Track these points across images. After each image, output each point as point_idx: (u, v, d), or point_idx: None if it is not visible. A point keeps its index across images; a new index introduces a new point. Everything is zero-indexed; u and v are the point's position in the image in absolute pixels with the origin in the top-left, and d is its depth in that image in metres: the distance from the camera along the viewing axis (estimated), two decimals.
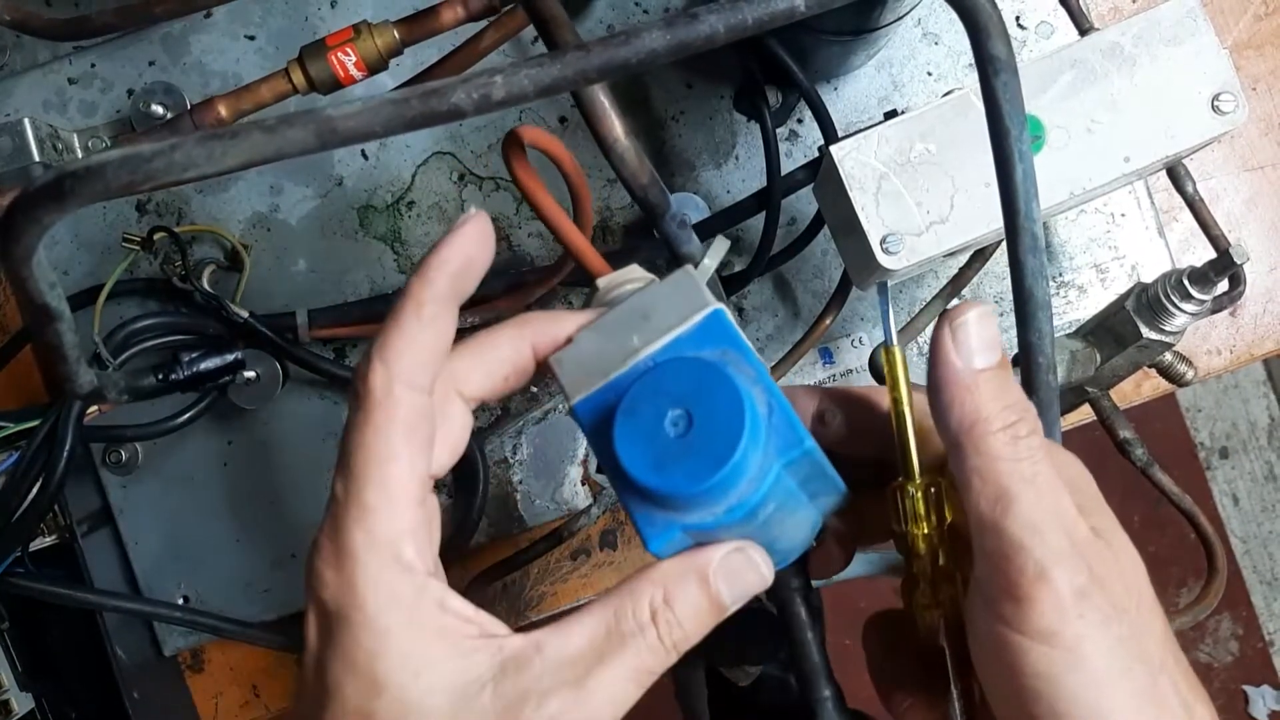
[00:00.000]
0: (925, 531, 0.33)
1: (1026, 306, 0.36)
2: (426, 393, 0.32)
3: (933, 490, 0.33)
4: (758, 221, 0.59)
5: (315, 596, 0.31)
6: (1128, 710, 0.28)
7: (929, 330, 0.61)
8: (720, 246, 0.41)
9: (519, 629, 0.31)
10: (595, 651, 0.30)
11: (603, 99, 0.38)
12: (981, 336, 0.32)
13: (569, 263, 0.56)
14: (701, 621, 0.32)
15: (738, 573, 0.32)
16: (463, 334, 0.34)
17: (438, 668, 0.30)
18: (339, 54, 0.51)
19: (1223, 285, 0.50)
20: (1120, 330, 0.51)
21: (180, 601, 0.63)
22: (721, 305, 0.33)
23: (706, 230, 0.59)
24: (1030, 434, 0.31)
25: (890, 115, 0.48)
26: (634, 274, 0.36)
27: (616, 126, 0.38)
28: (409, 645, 0.30)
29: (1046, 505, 0.30)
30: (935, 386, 0.32)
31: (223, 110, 0.53)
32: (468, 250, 0.32)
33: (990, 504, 0.30)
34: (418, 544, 0.31)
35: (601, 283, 0.36)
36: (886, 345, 0.35)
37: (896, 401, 0.34)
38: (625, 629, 0.31)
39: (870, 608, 0.38)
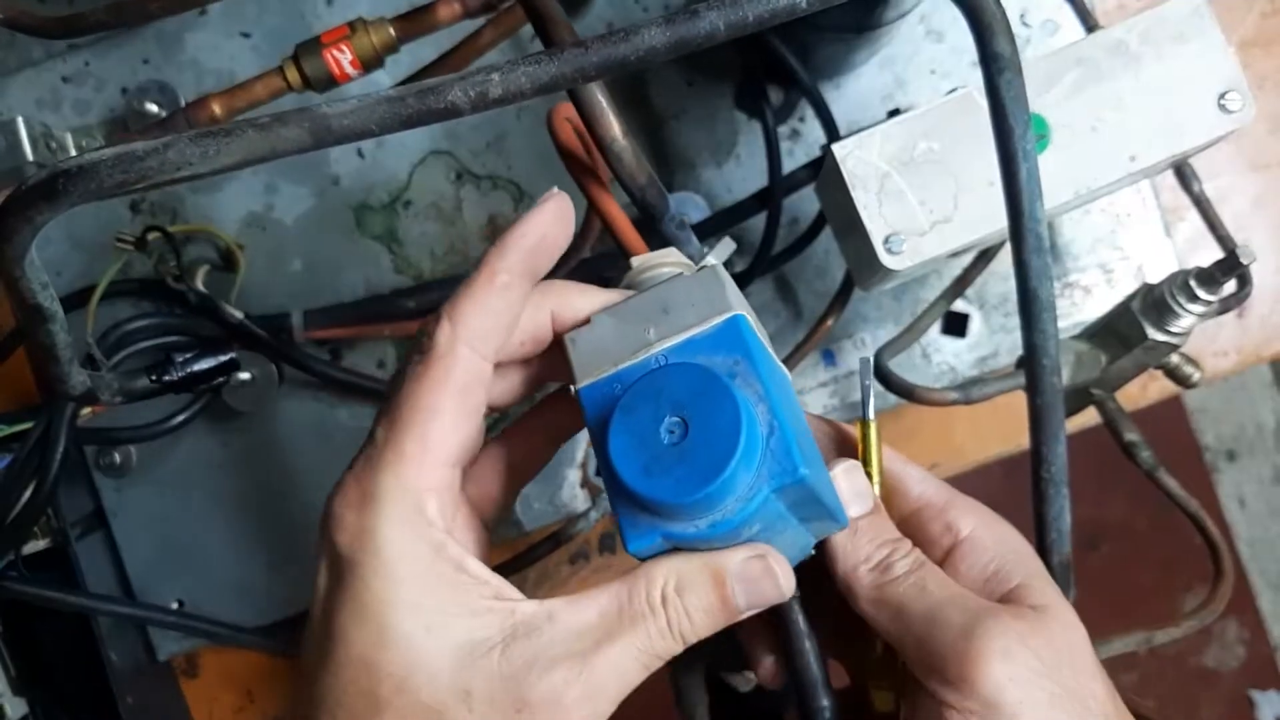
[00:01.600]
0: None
1: (1031, 307, 0.35)
2: (487, 360, 0.32)
3: None
4: (759, 221, 0.59)
5: (330, 540, 0.31)
6: None
7: (933, 330, 0.61)
8: (725, 248, 0.40)
9: None
10: (605, 627, 0.30)
11: (600, 99, 0.38)
12: (851, 489, 0.35)
13: (566, 263, 0.55)
14: (712, 619, 0.32)
15: (755, 580, 0.32)
16: None
17: (449, 624, 0.30)
18: (334, 51, 0.50)
19: (1229, 286, 0.50)
20: (1126, 331, 0.50)
21: (174, 606, 0.63)
22: (743, 312, 0.32)
23: (707, 230, 0.59)
24: (905, 555, 0.34)
25: (893, 114, 0.48)
26: (669, 258, 0.35)
27: (614, 126, 0.38)
28: (422, 597, 0.30)
29: (941, 595, 0.32)
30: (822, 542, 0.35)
31: (217, 108, 0.53)
32: (546, 227, 0.33)
33: (889, 622, 0.33)
34: (442, 503, 0.31)
35: (635, 262, 0.36)
36: (864, 419, 0.36)
37: (869, 476, 0.36)
38: (637, 609, 0.31)
39: None
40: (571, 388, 0.33)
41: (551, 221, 0.33)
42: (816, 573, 0.35)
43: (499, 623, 0.30)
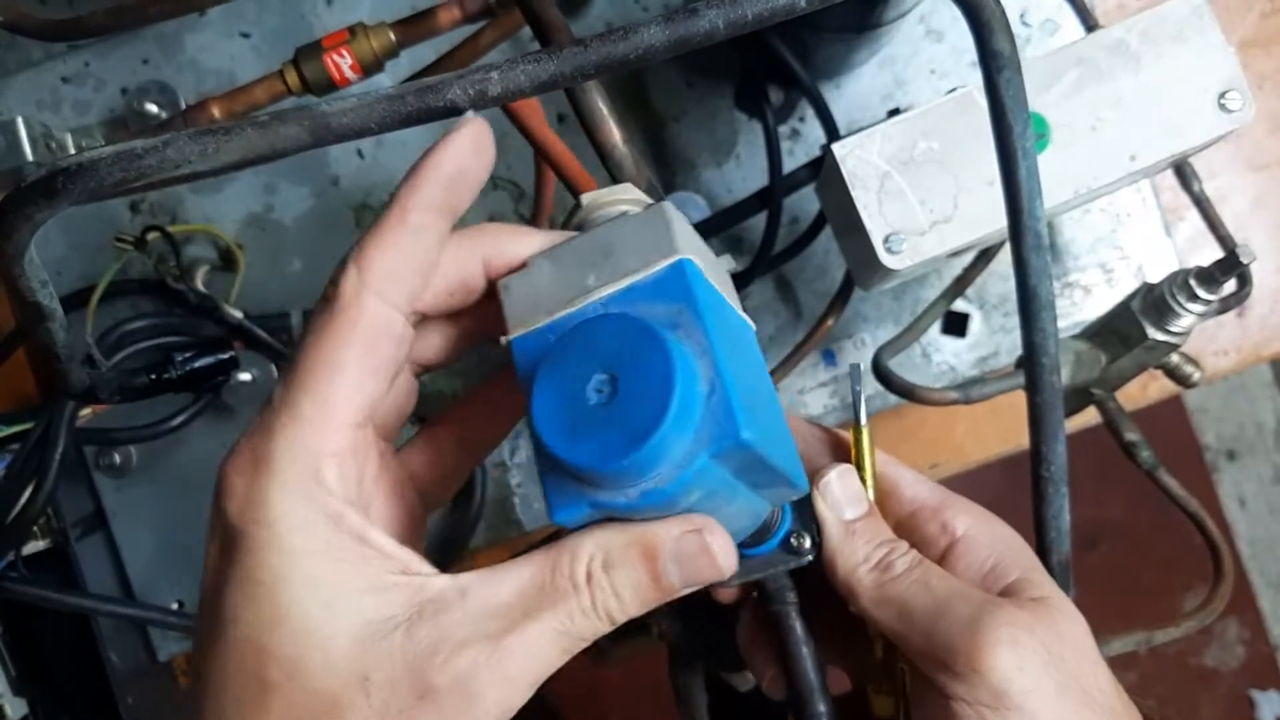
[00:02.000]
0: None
1: (1030, 306, 0.35)
2: (399, 310, 0.29)
3: None
4: (759, 221, 0.59)
5: (220, 509, 0.28)
6: None
7: (932, 331, 0.61)
8: (723, 263, 0.40)
9: None
10: (523, 605, 0.27)
11: (600, 105, 0.38)
12: (845, 492, 0.35)
13: None
14: (642, 598, 0.29)
15: (691, 558, 0.29)
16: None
17: (348, 601, 0.27)
18: (334, 55, 0.50)
19: (1229, 285, 0.50)
20: (1126, 331, 0.50)
21: (175, 606, 0.63)
22: (691, 255, 0.29)
23: (708, 230, 0.59)
24: (904, 554, 0.34)
25: (893, 113, 0.48)
26: (623, 194, 0.32)
27: (615, 133, 0.38)
28: (318, 571, 0.27)
29: (944, 590, 0.32)
30: (822, 543, 0.35)
31: (216, 111, 0.53)
32: (462, 157, 0.29)
33: (894, 619, 0.32)
34: (343, 470, 0.28)
35: (586, 199, 0.33)
36: (856, 424, 0.36)
37: (863, 480, 0.36)
38: (559, 586, 0.28)
39: None
40: (502, 339, 0.30)
41: (468, 150, 0.29)
42: (814, 579, 0.35)
43: (404, 599, 0.27)
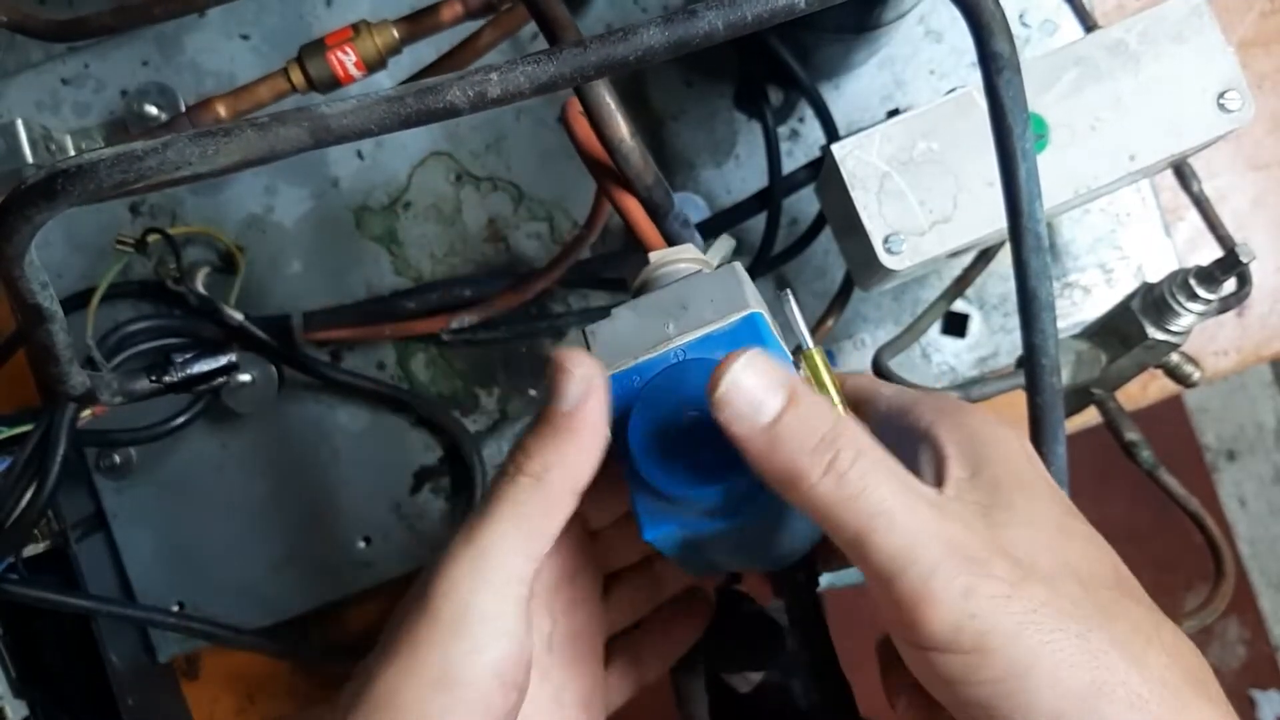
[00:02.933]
0: None
1: (1030, 307, 0.35)
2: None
3: None
4: (759, 222, 0.59)
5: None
6: (1053, 685, 0.26)
7: (933, 330, 0.61)
8: (724, 244, 0.40)
9: None
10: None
11: (609, 99, 0.38)
12: (752, 388, 0.28)
13: (566, 261, 0.55)
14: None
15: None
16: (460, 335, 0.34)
17: None
18: (338, 53, 0.50)
19: (1229, 285, 0.50)
20: (1126, 331, 0.50)
21: (175, 607, 0.63)
22: (760, 310, 0.33)
23: (708, 230, 0.59)
24: (854, 459, 0.28)
25: (893, 114, 0.48)
26: (686, 254, 0.36)
27: (622, 127, 0.38)
28: None
29: (902, 526, 0.27)
30: (747, 459, 0.29)
31: (221, 110, 0.53)
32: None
33: (851, 548, 0.28)
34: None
35: (654, 257, 0.36)
36: (803, 348, 0.34)
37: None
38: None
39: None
40: None
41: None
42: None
43: None
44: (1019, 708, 0.26)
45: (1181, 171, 0.58)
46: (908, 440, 0.33)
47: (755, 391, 0.28)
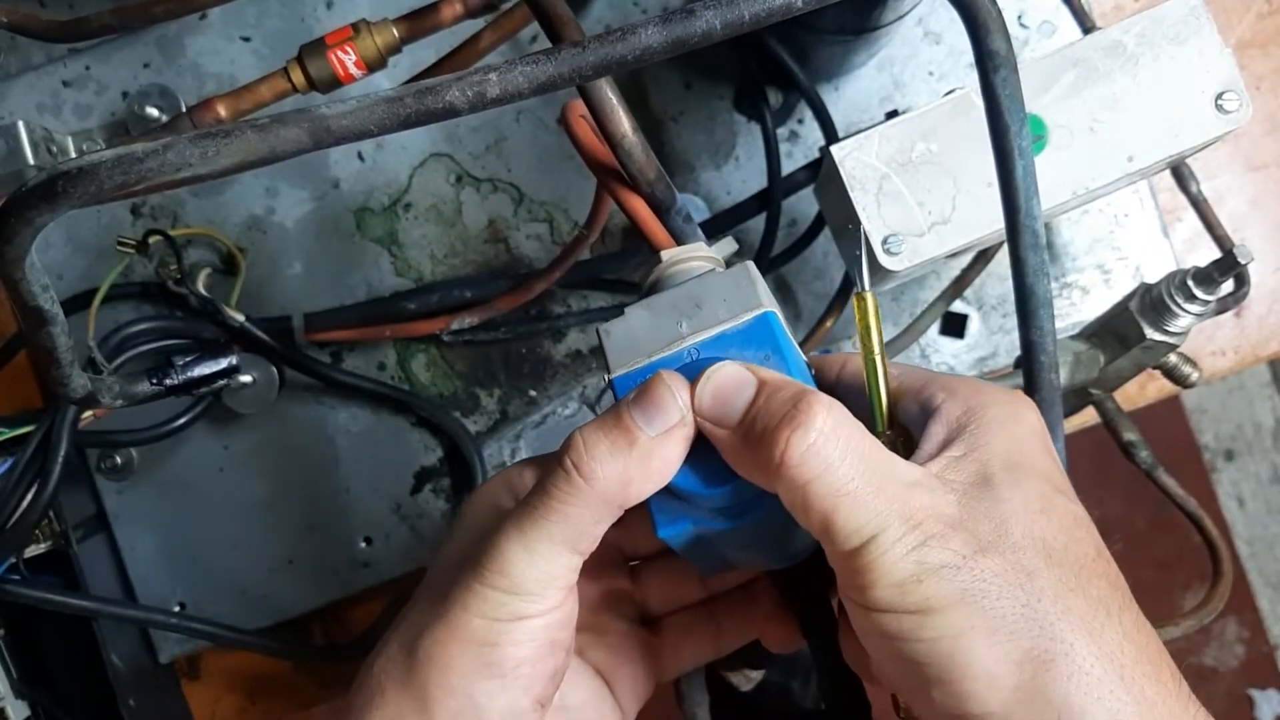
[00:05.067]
0: None
1: (1028, 304, 0.35)
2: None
3: (900, 443, 0.34)
4: (758, 223, 0.59)
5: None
6: (989, 649, 0.27)
7: (932, 331, 0.61)
8: (727, 245, 0.41)
9: None
10: None
11: (610, 95, 0.38)
12: (724, 390, 0.31)
13: (566, 262, 0.55)
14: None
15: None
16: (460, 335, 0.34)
17: None
18: (338, 52, 0.51)
19: (1227, 286, 0.50)
20: (1124, 331, 0.50)
21: (176, 608, 0.63)
22: (773, 309, 0.33)
23: (707, 232, 0.59)
24: (801, 421, 0.29)
25: (891, 115, 0.48)
26: (697, 252, 0.36)
27: (624, 122, 0.38)
28: None
29: (865, 505, 0.28)
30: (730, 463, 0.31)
31: (222, 110, 0.53)
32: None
33: (800, 514, 0.29)
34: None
35: (665, 255, 0.36)
36: (858, 291, 0.34)
37: (868, 351, 0.33)
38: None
39: None
40: (605, 376, 0.34)
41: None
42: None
43: None
44: (955, 667, 0.27)
45: (1179, 172, 0.58)
46: (921, 416, 0.33)
47: (723, 393, 0.31)
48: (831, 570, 0.37)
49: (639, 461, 0.30)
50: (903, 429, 0.34)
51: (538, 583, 0.31)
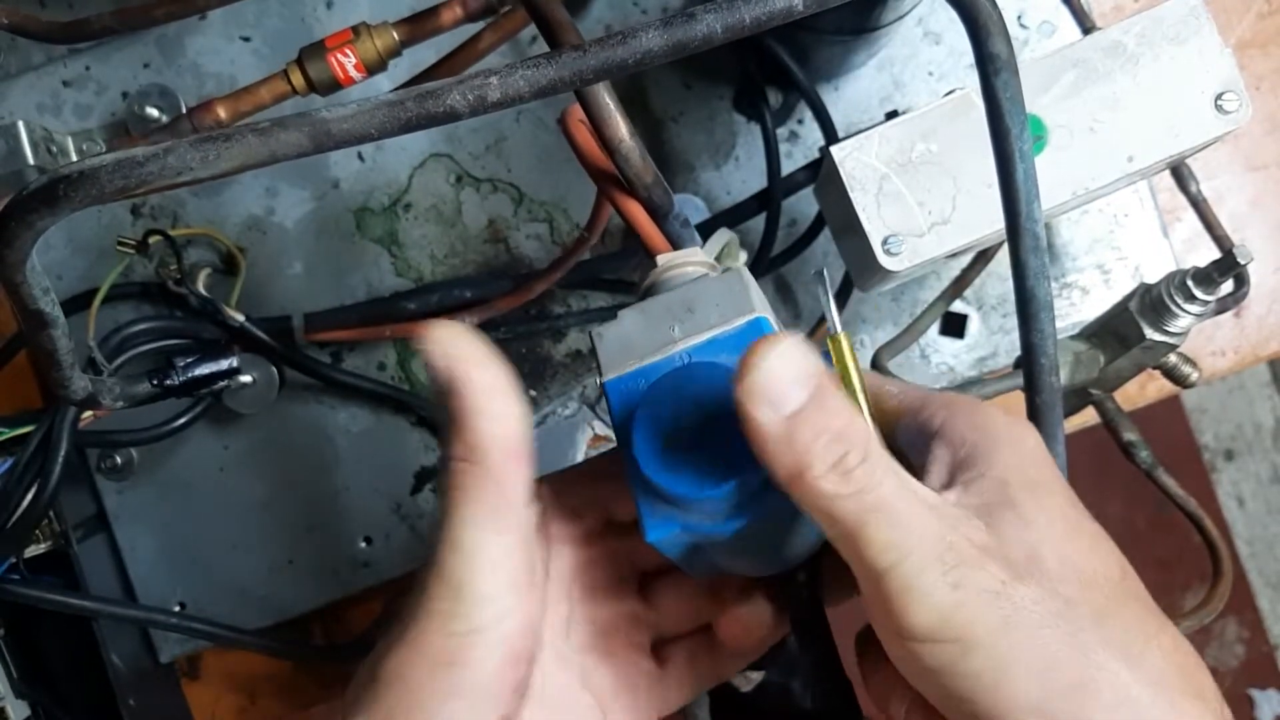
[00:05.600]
0: None
1: (1028, 308, 0.35)
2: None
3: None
4: (758, 223, 0.59)
5: None
6: (1036, 681, 0.26)
7: (932, 331, 0.61)
8: (722, 237, 0.41)
9: None
10: None
11: (608, 100, 0.38)
12: (784, 376, 0.27)
13: (567, 262, 0.55)
14: None
15: None
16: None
17: None
18: (338, 55, 0.51)
19: (1227, 286, 0.50)
20: (1124, 331, 0.50)
21: (176, 608, 0.63)
22: (765, 314, 0.33)
23: (707, 231, 0.59)
24: (861, 460, 0.28)
25: (891, 115, 0.48)
26: (693, 257, 0.36)
27: (622, 127, 0.38)
28: None
29: (900, 522, 0.27)
30: (753, 445, 0.28)
31: (222, 112, 0.53)
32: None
33: (845, 541, 0.28)
34: None
35: (661, 260, 0.36)
36: (831, 333, 0.33)
37: (851, 391, 0.33)
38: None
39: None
40: (597, 379, 0.33)
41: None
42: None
43: None
44: (1001, 701, 0.26)
45: (1179, 172, 0.58)
46: (919, 438, 0.33)
47: (783, 381, 0.28)
48: (826, 572, 0.37)
49: (469, 415, 0.30)
50: (900, 455, 0.33)
51: (481, 581, 0.30)
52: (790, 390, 0.28)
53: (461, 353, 0.30)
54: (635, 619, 0.38)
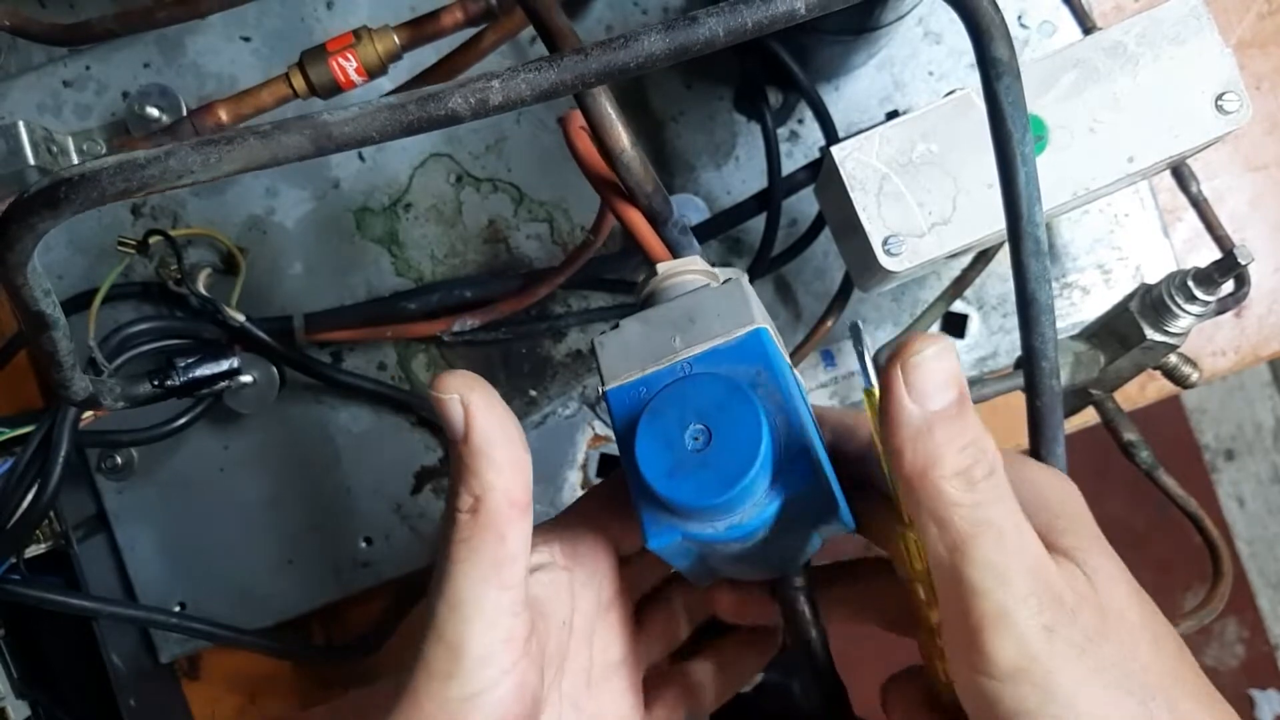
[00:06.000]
0: (926, 579, 0.32)
1: (1029, 310, 0.35)
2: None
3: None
4: (758, 223, 0.59)
5: None
6: None
7: (932, 331, 0.61)
8: (731, 274, 0.41)
9: None
10: None
11: (609, 109, 0.38)
12: (938, 374, 0.28)
13: (571, 268, 0.55)
14: None
15: None
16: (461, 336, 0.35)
17: None
18: (339, 59, 0.51)
19: (1227, 286, 0.50)
20: (1124, 332, 0.50)
21: (176, 608, 0.63)
22: (765, 325, 0.33)
23: (707, 232, 0.59)
24: (988, 475, 0.28)
25: (892, 115, 0.48)
26: (693, 265, 0.37)
27: (623, 137, 0.38)
28: None
29: (1008, 546, 0.28)
30: (888, 428, 0.29)
31: (223, 114, 0.53)
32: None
33: (948, 550, 0.28)
34: None
35: (661, 269, 0.37)
36: (866, 388, 0.34)
37: (880, 453, 0.33)
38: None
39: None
40: (599, 388, 0.34)
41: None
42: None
43: None
44: None
45: (1180, 173, 0.58)
46: None
47: (936, 377, 0.28)
48: (822, 574, 0.37)
49: (477, 463, 0.30)
50: None
51: (478, 642, 0.30)
52: (940, 389, 0.28)
53: (472, 400, 0.30)
54: (635, 652, 0.39)
